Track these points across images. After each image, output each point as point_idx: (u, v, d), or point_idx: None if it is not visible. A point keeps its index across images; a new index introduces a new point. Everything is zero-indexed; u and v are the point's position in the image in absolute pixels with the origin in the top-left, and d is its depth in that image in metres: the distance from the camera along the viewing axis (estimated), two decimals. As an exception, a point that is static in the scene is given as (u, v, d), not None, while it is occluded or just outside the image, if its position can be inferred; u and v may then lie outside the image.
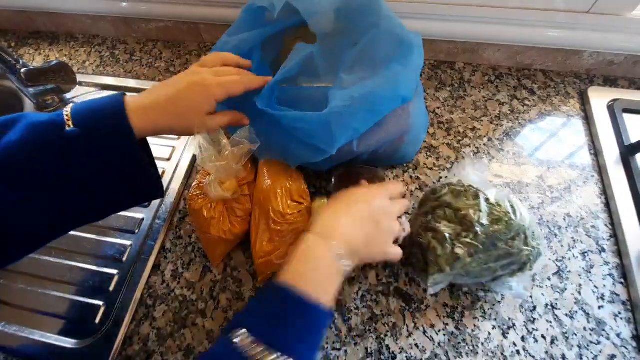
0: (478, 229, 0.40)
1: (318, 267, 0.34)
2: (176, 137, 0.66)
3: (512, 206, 0.41)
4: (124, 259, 0.55)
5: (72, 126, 0.33)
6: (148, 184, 0.39)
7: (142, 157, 0.36)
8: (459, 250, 0.40)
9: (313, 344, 0.32)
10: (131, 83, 0.73)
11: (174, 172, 0.62)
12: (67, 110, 0.34)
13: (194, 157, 0.62)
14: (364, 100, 0.41)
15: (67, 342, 0.49)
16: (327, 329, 0.34)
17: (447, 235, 0.41)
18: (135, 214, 0.58)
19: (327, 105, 0.42)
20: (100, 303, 0.52)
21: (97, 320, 0.50)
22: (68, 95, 0.72)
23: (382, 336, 0.46)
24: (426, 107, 0.63)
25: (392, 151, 0.53)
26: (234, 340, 0.29)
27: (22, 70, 0.61)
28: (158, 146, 0.65)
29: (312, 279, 0.33)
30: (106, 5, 0.75)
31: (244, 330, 0.29)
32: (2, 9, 0.83)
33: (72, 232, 0.56)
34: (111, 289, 0.52)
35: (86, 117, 0.34)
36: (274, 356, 0.28)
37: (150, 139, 0.40)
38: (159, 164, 0.63)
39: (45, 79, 0.64)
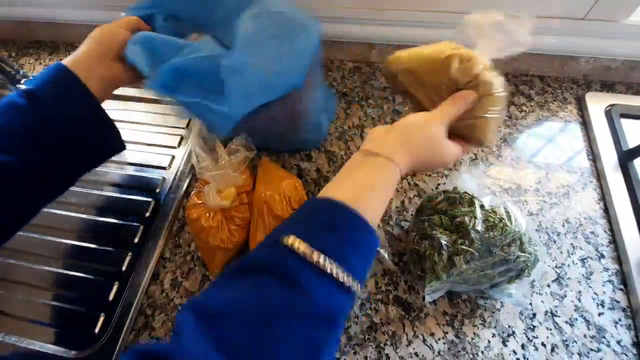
0: (473, 235, 0.40)
1: (376, 187, 0.33)
2: (176, 145, 0.67)
3: (507, 212, 0.42)
4: (123, 268, 0.55)
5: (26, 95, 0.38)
6: (107, 132, 0.44)
7: (93, 101, 0.41)
8: (455, 258, 0.40)
9: (366, 262, 0.31)
10: (131, 91, 0.74)
11: (173, 181, 0.62)
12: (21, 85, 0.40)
13: (193, 165, 0.63)
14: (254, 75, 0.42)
15: (67, 353, 0.49)
16: (376, 248, 0.33)
17: (443, 242, 0.41)
18: (135, 223, 0.58)
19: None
20: (100, 313, 0.52)
21: (97, 330, 0.50)
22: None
23: (382, 345, 0.46)
24: (333, 93, 0.66)
25: (289, 135, 0.55)
26: (289, 245, 0.27)
27: (23, 80, 0.62)
28: (158, 155, 0.66)
29: (368, 198, 0.32)
30: (105, 15, 0.75)
31: (297, 237, 0.28)
32: (2, 19, 0.83)
33: (71, 241, 0.57)
34: (110, 298, 0.52)
35: (39, 82, 0.39)
36: (335, 266, 0.27)
37: (150, 148, 0.42)
38: (158, 172, 0.64)
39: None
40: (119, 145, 0.46)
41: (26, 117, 0.38)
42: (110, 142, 0.45)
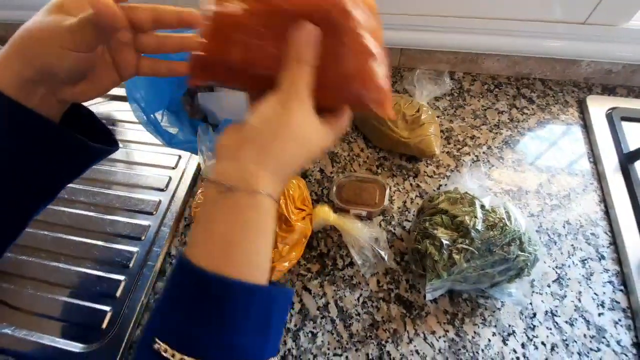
0: (474, 234, 0.40)
1: (244, 237, 0.25)
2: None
3: (507, 212, 0.42)
4: (131, 265, 0.56)
5: None
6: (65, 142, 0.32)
7: (29, 112, 0.29)
8: (456, 256, 0.40)
9: (264, 330, 0.25)
10: (139, 93, 0.75)
11: (180, 180, 0.63)
12: None
13: (199, 165, 0.64)
14: None
15: (75, 347, 0.50)
16: (276, 304, 0.26)
17: (444, 241, 0.41)
18: (141, 221, 0.60)
19: None
20: (107, 308, 0.53)
21: (104, 326, 0.51)
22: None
23: (383, 342, 0.47)
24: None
25: None
26: (156, 350, 0.23)
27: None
28: (164, 155, 0.67)
29: (237, 254, 0.25)
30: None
31: (162, 342, 0.23)
32: (16, 23, 0.85)
33: (80, 238, 0.59)
34: (118, 294, 0.54)
35: None
36: None
37: (157, 149, 0.41)
38: (165, 172, 0.65)
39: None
40: (105, 150, 0.35)
41: None
42: (86, 150, 0.34)
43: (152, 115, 0.52)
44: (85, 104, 0.35)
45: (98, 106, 0.76)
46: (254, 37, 0.27)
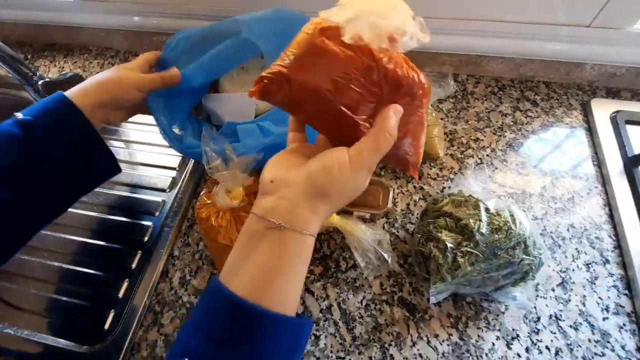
0: (478, 238, 0.40)
1: (282, 271, 0.26)
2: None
3: (512, 215, 0.42)
4: (133, 265, 0.56)
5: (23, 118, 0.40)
6: (103, 160, 0.46)
7: (93, 131, 0.43)
8: (460, 259, 0.40)
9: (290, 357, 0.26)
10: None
11: (183, 181, 0.63)
12: (17, 115, 0.40)
13: (203, 166, 0.64)
14: None
15: (77, 347, 0.50)
16: (300, 336, 0.28)
17: (448, 244, 0.41)
18: (145, 221, 0.60)
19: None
20: (110, 309, 0.53)
21: (107, 326, 0.51)
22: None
23: (386, 345, 0.46)
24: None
25: None
26: None
27: (40, 82, 0.63)
28: (168, 155, 0.67)
29: (275, 287, 0.26)
30: (119, 19, 0.77)
31: None
32: (20, 22, 0.86)
33: (83, 239, 0.59)
34: (120, 295, 0.54)
35: (37, 112, 0.41)
36: None
37: (160, 149, 0.43)
38: (168, 173, 0.65)
39: (62, 90, 0.66)
40: (115, 170, 0.48)
41: (19, 148, 0.39)
42: (107, 168, 0.47)
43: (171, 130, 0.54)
44: None
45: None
46: (346, 78, 0.27)
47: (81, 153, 0.43)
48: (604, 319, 0.46)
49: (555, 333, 0.46)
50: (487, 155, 0.61)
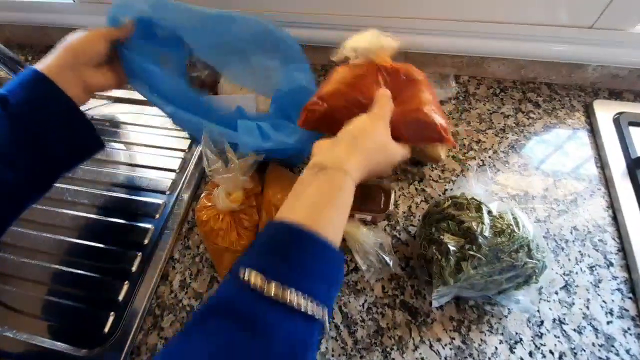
0: (481, 241, 0.40)
1: (341, 206, 0.33)
2: (186, 148, 0.68)
3: (515, 218, 0.42)
4: (133, 268, 0.55)
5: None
6: (82, 131, 0.45)
7: (67, 99, 0.42)
8: (463, 263, 0.40)
9: (328, 283, 0.30)
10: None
11: (183, 183, 0.63)
12: None
13: (203, 169, 0.64)
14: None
15: (77, 351, 0.49)
16: (342, 268, 0.33)
17: (450, 247, 0.41)
18: (145, 224, 0.59)
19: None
20: (110, 312, 0.52)
21: (106, 330, 0.51)
22: (81, 108, 0.74)
23: (388, 349, 0.46)
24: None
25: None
26: (244, 279, 0.26)
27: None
28: (168, 157, 0.67)
29: (334, 218, 0.32)
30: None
31: (252, 270, 0.27)
32: (20, 24, 0.86)
33: (83, 241, 0.58)
34: (120, 298, 0.53)
35: (10, 90, 0.41)
36: (294, 295, 0.26)
37: (161, 151, 0.43)
38: (168, 175, 0.65)
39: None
40: (98, 145, 0.47)
41: None
42: (89, 142, 0.46)
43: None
44: (89, 105, 0.49)
45: (102, 108, 0.76)
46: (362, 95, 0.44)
47: (60, 127, 0.42)
48: (608, 322, 0.46)
49: (558, 337, 0.45)
50: (489, 157, 0.61)
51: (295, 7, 0.66)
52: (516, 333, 0.46)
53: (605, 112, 0.62)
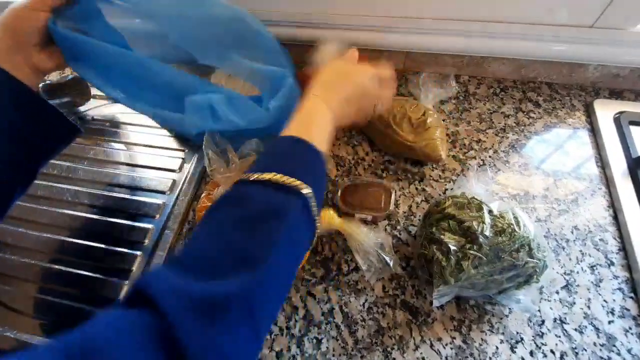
0: (482, 240, 0.40)
1: (320, 124, 0.40)
2: (185, 149, 0.68)
3: (515, 218, 0.42)
4: (134, 268, 0.55)
5: None
6: (47, 117, 0.44)
7: (18, 83, 0.40)
8: (463, 262, 0.40)
9: (320, 180, 0.37)
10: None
11: (183, 183, 0.63)
12: None
13: (204, 168, 0.64)
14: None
15: (77, 351, 0.49)
16: (319, 157, 0.38)
17: (451, 247, 0.41)
18: (145, 224, 0.59)
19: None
20: (110, 312, 0.52)
21: (106, 330, 0.51)
22: (81, 109, 0.74)
23: (389, 349, 0.46)
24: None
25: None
26: (252, 178, 0.32)
27: (40, 85, 0.63)
28: (169, 158, 0.67)
29: (314, 132, 0.38)
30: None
31: (258, 171, 0.33)
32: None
33: (83, 241, 0.58)
34: (121, 298, 0.53)
35: None
36: (269, 174, 0.32)
37: (161, 151, 0.43)
38: (169, 175, 0.65)
39: (62, 92, 0.66)
40: (72, 129, 0.46)
41: None
42: (57, 126, 0.45)
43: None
44: (89, 106, 0.51)
45: (102, 108, 0.76)
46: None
47: (21, 112, 0.41)
48: (609, 322, 0.46)
49: (559, 336, 0.45)
50: (490, 156, 0.61)
51: (303, 8, 0.66)
52: (517, 332, 0.46)
53: (605, 111, 0.62)
